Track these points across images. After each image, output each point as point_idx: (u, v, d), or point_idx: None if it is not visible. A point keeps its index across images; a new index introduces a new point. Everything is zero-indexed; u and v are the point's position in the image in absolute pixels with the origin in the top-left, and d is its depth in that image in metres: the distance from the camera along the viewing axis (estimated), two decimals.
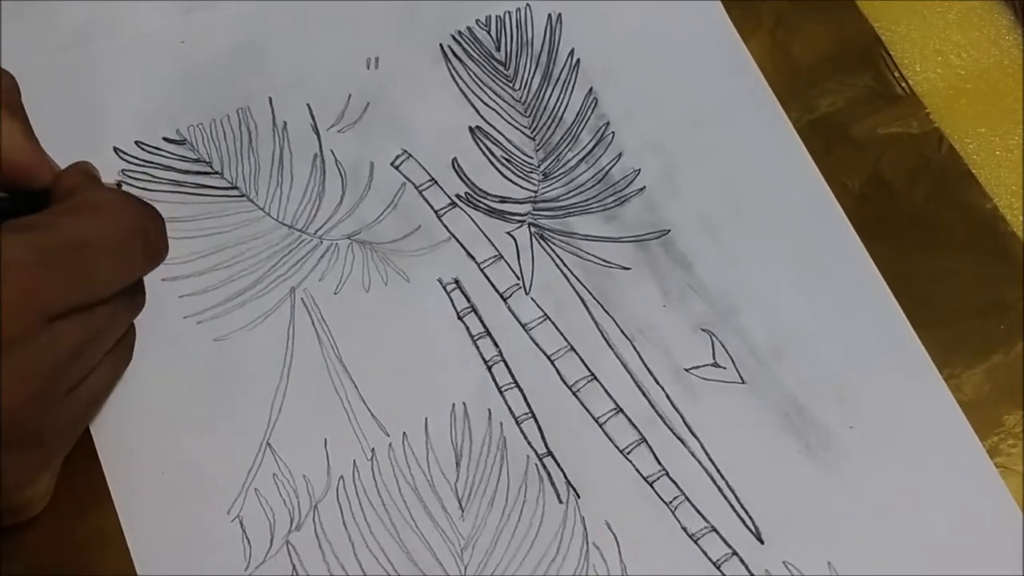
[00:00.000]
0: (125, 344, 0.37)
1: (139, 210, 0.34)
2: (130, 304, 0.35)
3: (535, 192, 0.43)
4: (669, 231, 0.43)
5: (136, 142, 0.43)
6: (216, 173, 0.43)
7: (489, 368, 0.40)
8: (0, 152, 0.33)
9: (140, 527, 0.37)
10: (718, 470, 0.39)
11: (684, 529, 0.38)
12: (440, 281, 0.42)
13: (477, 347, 0.40)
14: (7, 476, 0.31)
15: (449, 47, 0.46)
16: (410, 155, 0.44)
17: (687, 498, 0.39)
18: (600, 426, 0.40)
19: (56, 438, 0.34)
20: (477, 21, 0.46)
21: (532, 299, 0.41)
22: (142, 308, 0.36)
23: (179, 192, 0.42)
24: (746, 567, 0.38)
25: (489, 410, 0.39)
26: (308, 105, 0.44)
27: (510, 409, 0.40)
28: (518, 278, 0.42)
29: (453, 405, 0.39)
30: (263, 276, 0.41)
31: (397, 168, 0.43)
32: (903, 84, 0.46)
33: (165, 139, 0.43)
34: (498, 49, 0.46)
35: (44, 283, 0.30)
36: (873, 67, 0.46)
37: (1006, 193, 0.44)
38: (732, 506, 0.39)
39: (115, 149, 0.43)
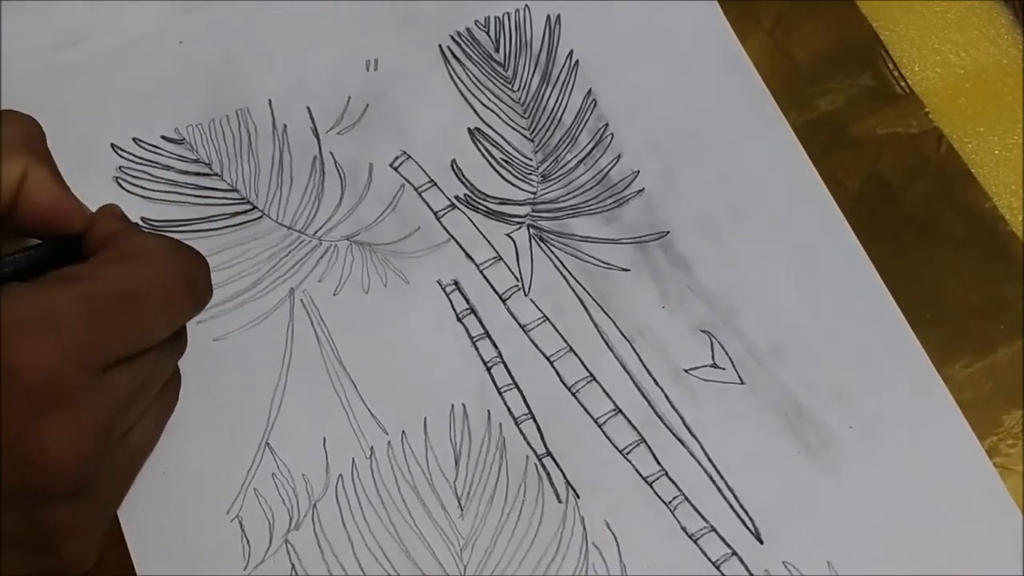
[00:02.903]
0: (171, 388, 0.36)
1: (185, 256, 0.33)
2: (173, 349, 0.35)
3: (534, 194, 0.43)
4: (668, 232, 0.43)
5: (134, 139, 0.43)
6: (216, 175, 0.43)
7: (488, 369, 0.40)
8: (19, 198, 0.33)
9: (140, 527, 0.37)
10: (717, 470, 0.39)
11: (684, 529, 0.38)
12: (439, 283, 0.42)
13: (476, 348, 0.41)
14: (61, 530, 0.31)
15: (448, 48, 0.46)
16: (409, 156, 0.44)
17: (686, 498, 0.39)
18: (599, 427, 0.40)
19: (109, 488, 0.34)
20: (476, 22, 0.46)
21: (531, 300, 0.42)
22: (184, 351, 0.36)
23: (178, 193, 0.43)
24: (746, 567, 0.38)
25: (488, 411, 0.40)
26: (308, 108, 0.44)
27: (509, 410, 0.40)
28: (517, 280, 0.42)
29: (452, 406, 0.40)
30: (262, 277, 0.41)
31: (396, 169, 0.44)
32: (902, 83, 0.46)
33: (163, 137, 0.43)
34: (497, 50, 0.46)
35: (96, 336, 0.29)
36: (872, 66, 0.46)
37: (1005, 192, 0.44)
38: (732, 506, 0.39)
39: (112, 146, 0.43)
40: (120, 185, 0.42)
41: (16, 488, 0.29)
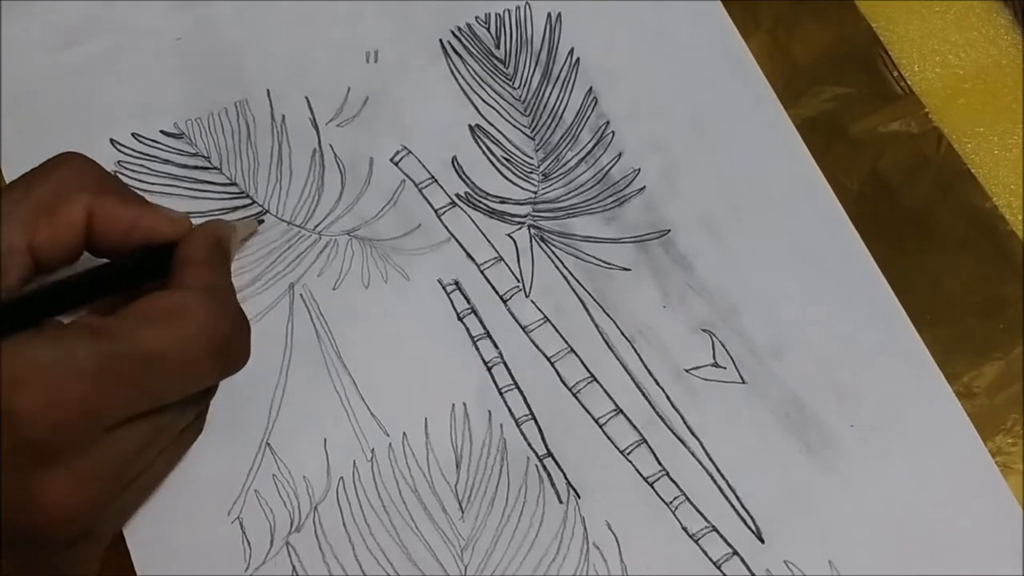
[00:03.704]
0: (189, 432, 0.36)
1: (226, 320, 0.32)
2: (199, 401, 0.34)
3: (535, 193, 0.43)
4: (669, 231, 0.43)
5: (133, 134, 0.43)
6: (215, 168, 0.43)
7: (489, 369, 0.40)
8: (94, 234, 0.33)
9: (140, 528, 0.37)
10: (718, 470, 0.39)
11: (685, 529, 0.38)
12: (440, 282, 0.41)
13: (477, 348, 0.40)
14: (63, 567, 0.31)
15: (449, 43, 0.46)
16: (410, 151, 0.44)
17: (687, 498, 0.39)
18: (600, 427, 0.40)
19: (110, 527, 0.34)
20: (476, 18, 0.46)
21: (532, 301, 0.41)
22: (211, 398, 0.36)
23: (177, 187, 0.42)
24: (747, 567, 0.38)
25: (489, 411, 0.39)
26: (307, 98, 0.44)
27: (510, 410, 0.39)
28: (518, 280, 0.42)
29: (453, 406, 0.39)
30: (262, 273, 0.41)
31: (396, 164, 0.43)
32: (902, 84, 0.46)
33: (162, 132, 0.43)
34: (497, 47, 0.46)
35: (103, 396, 0.29)
36: (872, 67, 0.46)
37: (1005, 192, 0.44)
38: (733, 506, 0.39)
39: (112, 141, 0.43)
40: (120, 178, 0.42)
41: (17, 536, 0.29)
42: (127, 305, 0.31)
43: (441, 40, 0.46)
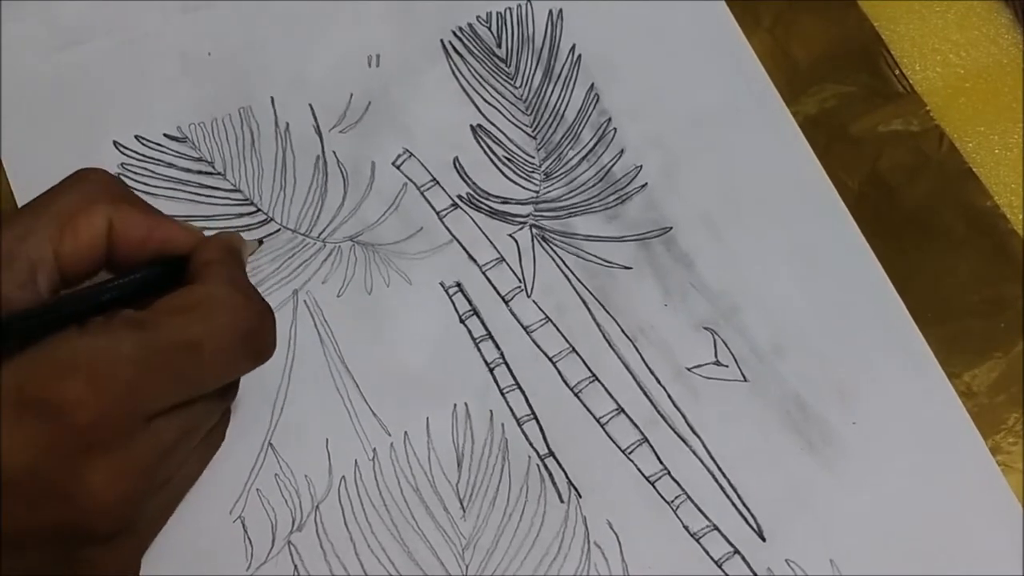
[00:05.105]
0: (217, 431, 0.37)
1: (253, 310, 0.33)
2: (225, 396, 0.35)
3: (537, 192, 0.43)
4: (671, 228, 0.43)
5: (136, 136, 0.43)
6: (219, 174, 0.43)
7: (491, 370, 0.40)
8: (113, 245, 0.34)
9: None
10: (720, 469, 0.39)
11: (686, 528, 0.38)
12: (442, 284, 0.41)
13: (479, 349, 0.40)
14: (97, 569, 0.31)
15: (450, 43, 0.46)
16: (411, 154, 0.43)
17: (689, 497, 0.39)
18: (602, 426, 0.40)
19: (148, 528, 0.34)
20: (478, 17, 0.46)
21: (534, 302, 0.41)
22: (235, 396, 0.37)
23: (181, 191, 0.42)
24: (748, 566, 0.38)
25: (491, 411, 0.39)
26: (310, 106, 0.44)
27: (512, 410, 0.40)
28: (520, 281, 0.42)
29: (455, 406, 0.39)
30: (265, 279, 0.41)
31: (399, 168, 0.43)
32: (903, 83, 0.46)
33: (166, 135, 0.43)
34: (499, 46, 0.46)
35: (147, 384, 0.30)
36: (873, 65, 0.46)
37: (1006, 191, 0.44)
38: (734, 504, 0.39)
39: (115, 143, 0.43)
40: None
41: (56, 526, 0.30)
42: (155, 303, 0.32)
43: (442, 40, 0.46)
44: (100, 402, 0.29)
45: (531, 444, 0.39)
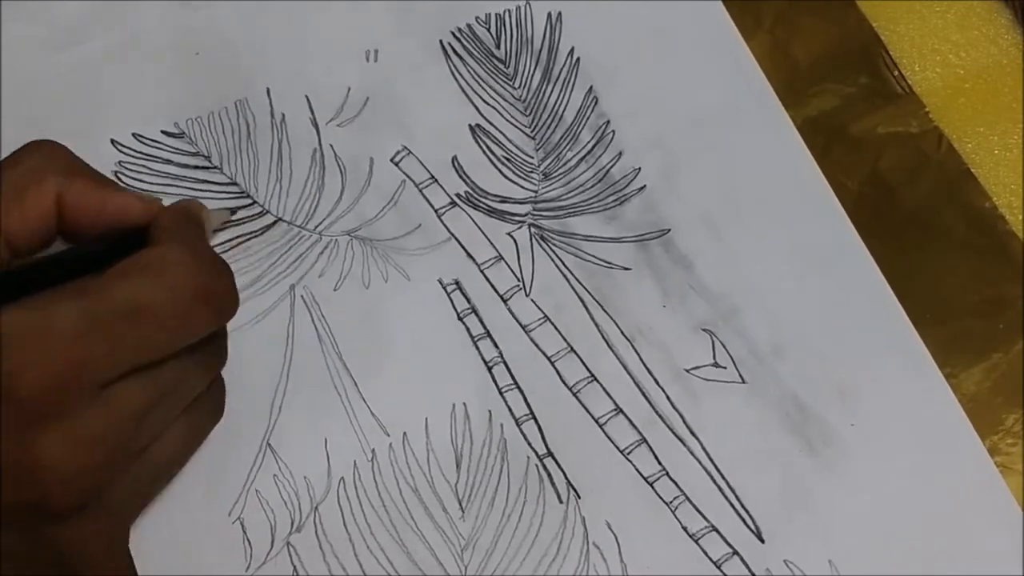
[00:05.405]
0: (208, 401, 0.36)
1: (204, 267, 0.32)
2: (205, 360, 0.34)
3: (535, 192, 0.43)
4: (669, 230, 0.43)
5: (133, 134, 0.43)
6: (215, 168, 0.43)
7: (489, 369, 0.40)
8: (65, 217, 0.33)
9: (140, 527, 0.37)
10: (718, 470, 0.39)
11: (685, 529, 0.38)
12: (440, 282, 0.41)
13: (477, 348, 0.40)
14: (70, 548, 0.31)
15: (449, 44, 0.46)
16: (410, 152, 0.44)
17: (687, 498, 0.39)
18: (600, 427, 0.40)
19: (124, 503, 0.33)
20: (477, 19, 0.46)
21: (532, 301, 0.41)
22: (223, 364, 0.36)
23: (178, 186, 0.42)
24: (747, 567, 0.38)
25: (489, 411, 0.39)
26: (307, 97, 0.44)
27: (510, 410, 0.39)
28: (518, 280, 0.42)
29: (453, 406, 0.39)
30: (263, 273, 0.41)
31: (397, 165, 0.43)
32: (902, 83, 0.46)
33: (163, 132, 0.43)
34: (498, 47, 0.46)
35: (92, 352, 0.29)
36: (872, 66, 0.46)
37: (1005, 192, 0.44)
38: (733, 505, 0.39)
39: (112, 141, 0.43)
40: (120, 180, 0.42)
41: (15, 503, 0.29)
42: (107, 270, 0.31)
43: (441, 41, 0.46)
44: (42, 372, 0.28)
45: (530, 444, 0.39)
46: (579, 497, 0.38)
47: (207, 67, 0.44)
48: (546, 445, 0.39)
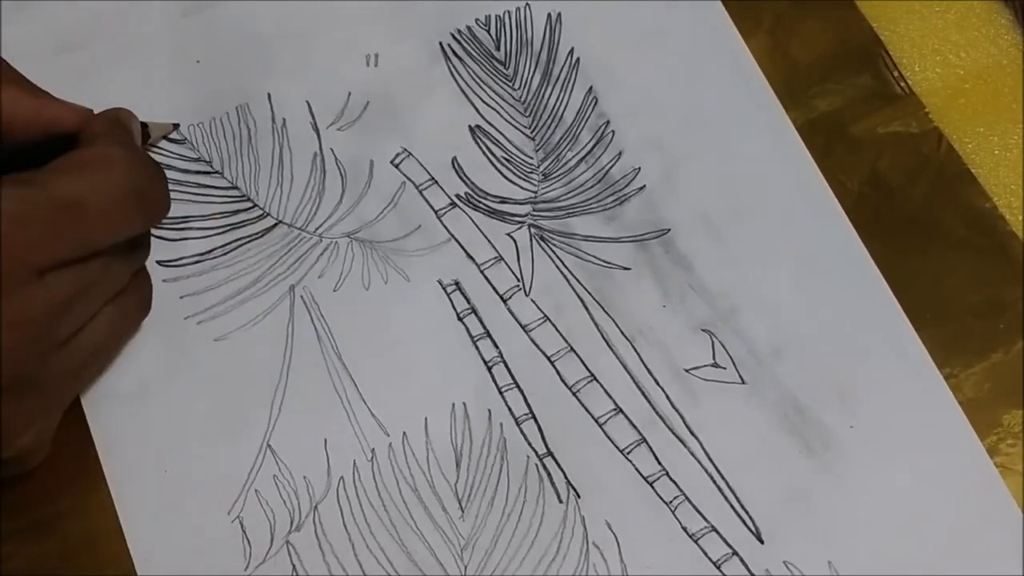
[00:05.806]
0: (133, 294, 0.37)
1: (139, 169, 0.34)
2: (128, 256, 0.36)
3: (535, 193, 0.43)
4: (669, 230, 0.43)
5: None
6: (216, 172, 0.43)
7: (489, 369, 0.40)
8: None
9: (140, 527, 0.37)
10: (718, 470, 0.39)
11: (684, 529, 0.38)
12: (440, 282, 0.42)
13: (477, 348, 0.40)
14: (6, 423, 0.32)
15: (448, 46, 0.46)
16: (410, 153, 0.44)
17: (687, 498, 0.39)
18: (600, 426, 0.40)
19: (55, 386, 0.35)
20: (476, 20, 0.46)
21: (532, 301, 0.41)
22: (144, 259, 0.37)
23: (179, 191, 0.42)
24: (746, 567, 0.38)
25: (489, 411, 0.39)
26: (307, 102, 0.44)
27: (510, 410, 0.40)
28: (518, 280, 0.42)
29: (453, 405, 0.39)
30: (263, 275, 0.41)
31: (397, 167, 0.43)
32: (902, 84, 0.46)
33: (165, 138, 0.43)
34: (498, 48, 0.46)
35: (31, 239, 0.30)
36: (872, 67, 0.46)
37: (1005, 192, 0.44)
38: (732, 506, 0.39)
39: None
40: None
41: None
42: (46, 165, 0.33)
43: (441, 43, 0.46)
44: None
45: (529, 444, 0.39)
46: (579, 497, 0.38)
47: (208, 73, 0.44)
48: (546, 445, 0.39)
